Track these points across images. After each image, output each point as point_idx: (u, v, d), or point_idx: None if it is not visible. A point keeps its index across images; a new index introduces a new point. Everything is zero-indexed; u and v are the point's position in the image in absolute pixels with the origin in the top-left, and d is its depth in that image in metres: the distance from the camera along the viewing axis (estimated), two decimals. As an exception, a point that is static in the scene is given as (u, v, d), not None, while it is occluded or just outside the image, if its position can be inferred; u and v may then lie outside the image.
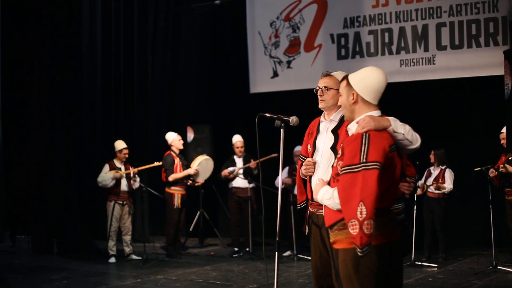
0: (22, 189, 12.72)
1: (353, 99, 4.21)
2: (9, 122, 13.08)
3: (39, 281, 9.21)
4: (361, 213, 3.80)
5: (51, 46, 12.55)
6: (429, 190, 10.53)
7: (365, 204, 3.80)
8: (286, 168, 11.53)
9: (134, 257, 11.21)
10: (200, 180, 11.76)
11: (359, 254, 3.85)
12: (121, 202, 11.11)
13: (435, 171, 10.68)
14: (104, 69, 14.43)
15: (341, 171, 3.99)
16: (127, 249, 11.29)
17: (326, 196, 4.13)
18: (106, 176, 10.98)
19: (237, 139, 11.76)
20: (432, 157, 10.66)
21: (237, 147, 11.68)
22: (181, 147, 11.63)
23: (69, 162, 12.61)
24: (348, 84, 4.24)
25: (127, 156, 11.34)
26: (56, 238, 12.39)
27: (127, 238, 11.29)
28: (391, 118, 4.16)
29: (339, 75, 5.10)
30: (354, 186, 3.87)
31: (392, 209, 4.20)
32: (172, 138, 11.56)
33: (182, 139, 11.83)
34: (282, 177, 5.31)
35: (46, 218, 12.38)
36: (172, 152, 11.46)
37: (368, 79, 4.19)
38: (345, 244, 4.08)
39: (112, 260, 11.06)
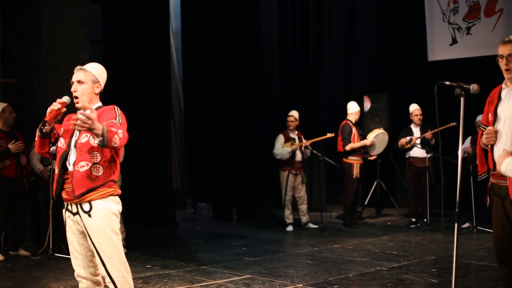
0: (203, 159, 13.18)
1: None
2: (190, 97, 13.55)
3: (219, 247, 9.53)
4: None
5: (231, 18, 12.86)
6: None
7: None
8: (468, 138, 11.15)
9: (311, 225, 11.35)
10: (374, 153, 11.65)
11: None
12: (294, 172, 11.25)
13: None
14: (280, 41, 14.64)
15: None
16: (304, 218, 11.44)
17: (511, 167, 3.98)
18: (284, 150, 11.12)
19: (415, 107, 11.53)
20: None
21: (416, 115, 11.43)
22: (357, 118, 11.61)
23: (248, 133, 12.92)
24: None
25: (290, 123, 11.30)
26: (235, 206, 12.76)
27: (303, 207, 11.44)
28: None
29: (522, 40, 4.87)
30: None
31: None
32: (353, 108, 11.57)
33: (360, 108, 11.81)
34: (463, 146, 5.17)
35: (226, 186, 12.78)
36: (348, 122, 11.45)
37: None
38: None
39: (289, 228, 11.25)
